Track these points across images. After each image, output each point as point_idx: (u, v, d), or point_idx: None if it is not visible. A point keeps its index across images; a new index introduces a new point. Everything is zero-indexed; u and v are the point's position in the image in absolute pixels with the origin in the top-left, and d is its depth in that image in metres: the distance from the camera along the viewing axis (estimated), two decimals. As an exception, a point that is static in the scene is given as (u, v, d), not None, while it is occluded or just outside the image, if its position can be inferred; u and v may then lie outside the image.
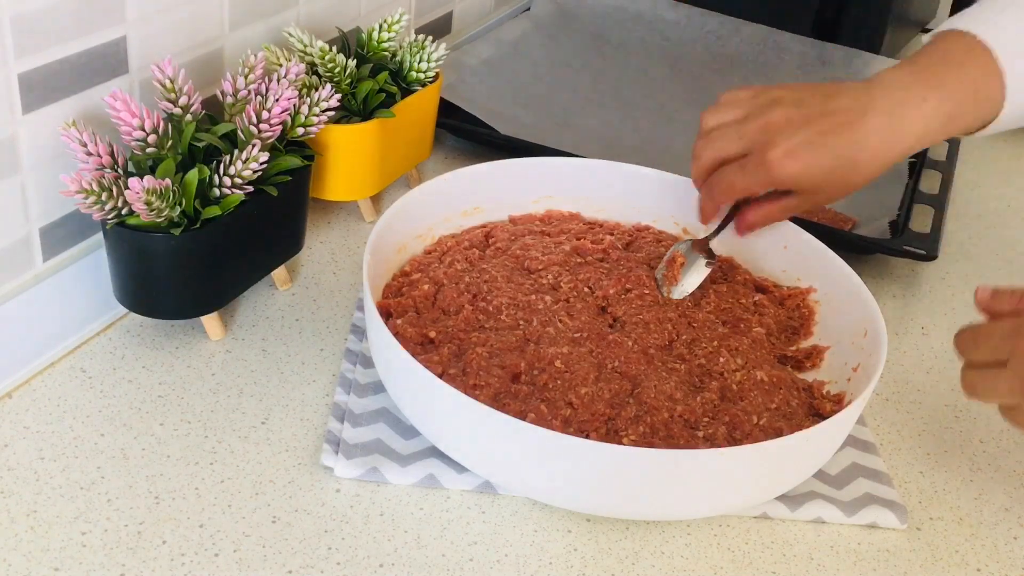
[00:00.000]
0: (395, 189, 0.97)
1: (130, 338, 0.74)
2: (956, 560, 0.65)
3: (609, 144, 1.07)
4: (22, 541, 0.58)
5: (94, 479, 0.63)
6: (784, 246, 0.81)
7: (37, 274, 0.70)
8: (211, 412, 0.69)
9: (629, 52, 1.30)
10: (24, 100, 0.64)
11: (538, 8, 1.33)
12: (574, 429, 0.64)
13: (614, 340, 0.71)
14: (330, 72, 0.84)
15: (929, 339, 0.87)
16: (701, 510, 0.64)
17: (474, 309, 0.73)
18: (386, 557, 0.60)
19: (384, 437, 0.68)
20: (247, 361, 0.74)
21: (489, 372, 0.67)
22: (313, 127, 0.78)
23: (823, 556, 0.64)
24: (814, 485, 0.68)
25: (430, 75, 0.92)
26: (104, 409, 0.68)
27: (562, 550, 0.63)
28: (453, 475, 0.65)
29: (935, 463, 0.73)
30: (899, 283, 0.94)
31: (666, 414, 0.66)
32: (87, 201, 0.65)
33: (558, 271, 0.77)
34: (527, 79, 1.18)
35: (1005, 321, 0.59)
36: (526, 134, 1.03)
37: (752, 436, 0.66)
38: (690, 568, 0.62)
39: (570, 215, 0.87)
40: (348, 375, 0.72)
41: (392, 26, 0.89)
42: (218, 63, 0.81)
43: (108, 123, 0.68)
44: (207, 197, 0.71)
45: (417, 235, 0.80)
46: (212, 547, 0.59)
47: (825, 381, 0.73)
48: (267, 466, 0.65)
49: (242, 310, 0.79)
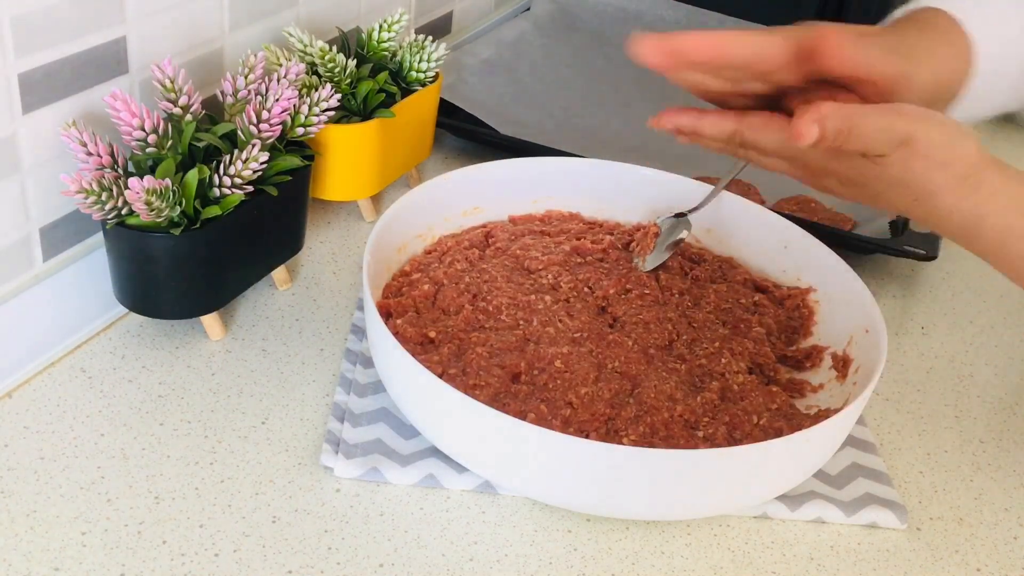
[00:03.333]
0: (395, 189, 0.97)
1: (130, 338, 0.74)
2: (956, 560, 0.65)
3: (609, 144, 1.07)
4: (22, 541, 0.58)
5: (94, 479, 0.63)
6: (784, 246, 0.81)
7: (37, 274, 0.70)
8: (211, 412, 0.69)
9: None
10: (24, 100, 0.64)
11: (538, 8, 1.32)
12: (574, 429, 0.64)
13: (614, 340, 0.71)
14: (330, 72, 0.84)
15: (929, 339, 0.87)
16: (701, 510, 0.64)
17: (474, 309, 0.73)
18: (386, 557, 0.60)
19: (384, 437, 0.68)
20: (247, 361, 0.74)
21: (489, 372, 0.67)
22: (313, 127, 0.78)
23: (823, 556, 0.64)
24: (814, 485, 0.68)
25: (430, 75, 0.92)
26: (104, 409, 0.68)
27: (562, 550, 0.63)
28: (453, 475, 0.65)
29: (935, 463, 0.73)
30: (899, 283, 0.94)
31: (666, 414, 0.66)
32: (87, 201, 0.65)
33: (558, 271, 0.77)
34: (527, 79, 1.18)
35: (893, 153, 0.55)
36: (526, 134, 1.03)
37: (752, 436, 0.66)
38: (690, 568, 0.62)
39: (570, 215, 0.87)
40: (348, 375, 0.72)
41: (392, 26, 0.89)
42: (218, 63, 0.81)
43: (108, 123, 0.68)
44: (207, 197, 0.71)
45: (417, 235, 0.80)
46: (212, 547, 0.59)
47: (814, 385, 0.73)
48: (267, 466, 0.65)
49: (242, 310, 0.79)
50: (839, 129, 0.54)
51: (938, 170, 0.56)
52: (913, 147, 0.55)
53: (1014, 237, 0.57)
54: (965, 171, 0.56)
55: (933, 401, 0.79)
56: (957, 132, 0.56)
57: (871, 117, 0.55)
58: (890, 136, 0.55)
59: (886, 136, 0.55)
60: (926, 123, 0.55)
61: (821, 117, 0.53)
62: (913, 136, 0.54)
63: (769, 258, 0.82)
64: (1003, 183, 0.56)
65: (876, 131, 0.55)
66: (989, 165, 0.57)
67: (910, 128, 0.55)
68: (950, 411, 0.79)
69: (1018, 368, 0.85)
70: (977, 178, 0.56)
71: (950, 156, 0.55)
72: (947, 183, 0.56)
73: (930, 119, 0.55)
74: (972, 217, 0.57)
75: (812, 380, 0.74)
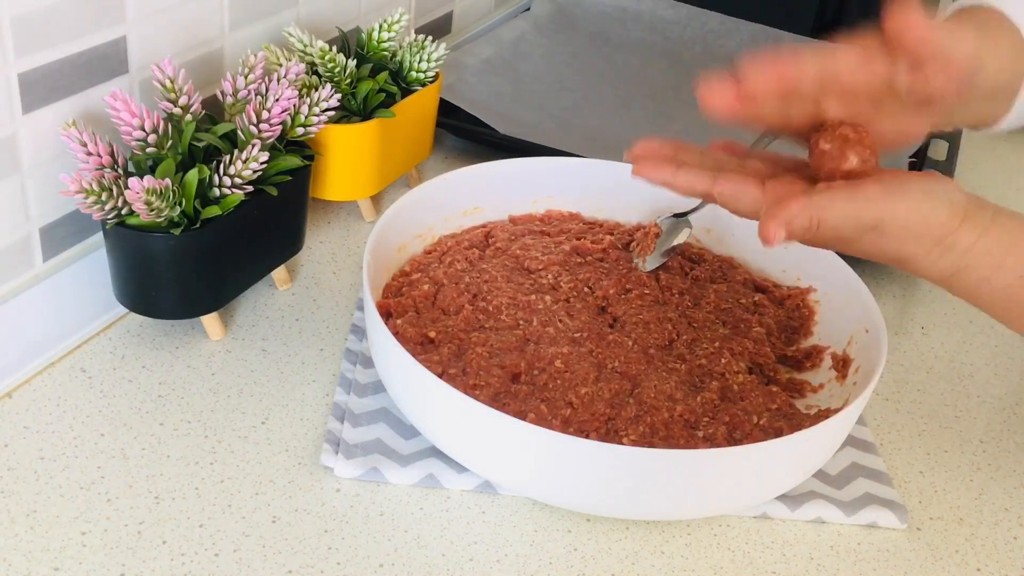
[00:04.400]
0: (395, 189, 0.97)
1: (130, 338, 0.74)
2: (956, 560, 0.65)
3: (609, 144, 1.07)
4: (22, 541, 0.58)
5: (94, 479, 0.63)
6: (784, 246, 0.81)
7: (37, 274, 0.70)
8: (211, 412, 0.69)
9: (629, 52, 1.30)
10: (24, 100, 0.64)
11: (538, 8, 1.32)
12: (574, 429, 0.64)
13: (614, 340, 0.71)
14: (330, 72, 0.84)
15: (929, 339, 0.87)
16: (701, 510, 0.64)
17: (474, 309, 0.73)
18: (386, 557, 0.60)
19: (384, 437, 0.68)
20: (247, 361, 0.74)
21: (489, 372, 0.67)
22: (313, 127, 0.78)
23: (823, 556, 0.64)
24: (814, 485, 0.68)
25: (430, 75, 0.92)
26: (104, 409, 0.68)
27: (562, 550, 0.63)
28: (453, 475, 0.65)
29: (935, 463, 0.73)
30: (899, 283, 0.94)
31: (666, 414, 0.66)
32: (87, 201, 0.65)
33: (558, 271, 0.77)
34: (527, 79, 1.18)
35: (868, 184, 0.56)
36: (526, 134, 1.03)
37: (752, 436, 0.66)
38: (690, 568, 0.62)
39: (570, 215, 0.87)
40: (348, 375, 0.72)
41: (392, 26, 0.89)
42: (218, 63, 0.81)
43: (108, 123, 0.68)
44: (207, 197, 0.71)
45: (417, 235, 0.80)
46: (212, 547, 0.59)
47: (813, 385, 0.73)
48: (267, 466, 0.65)
49: (242, 310, 0.79)
50: (806, 227, 0.54)
51: (910, 243, 0.56)
52: (882, 229, 0.55)
53: (988, 287, 0.58)
54: (938, 236, 0.56)
55: (933, 401, 0.79)
56: (925, 202, 0.56)
57: (837, 207, 0.54)
58: (857, 223, 0.55)
59: (854, 223, 0.55)
60: (892, 203, 0.55)
61: (789, 218, 0.54)
62: (881, 220, 0.55)
63: (769, 258, 0.82)
64: (976, 238, 0.57)
65: (843, 220, 0.55)
66: (963, 222, 0.57)
67: (876, 213, 0.55)
68: (950, 411, 0.79)
69: (1018, 368, 0.85)
70: (951, 239, 0.56)
71: (921, 229, 0.56)
72: (920, 251, 0.57)
73: (896, 196, 0.55)
74: (948, 272, 0.57)
75: (812, 380, 0.74)
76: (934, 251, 0.56)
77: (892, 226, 0.55)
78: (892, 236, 0.56)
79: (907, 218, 0.55)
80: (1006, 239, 0.57)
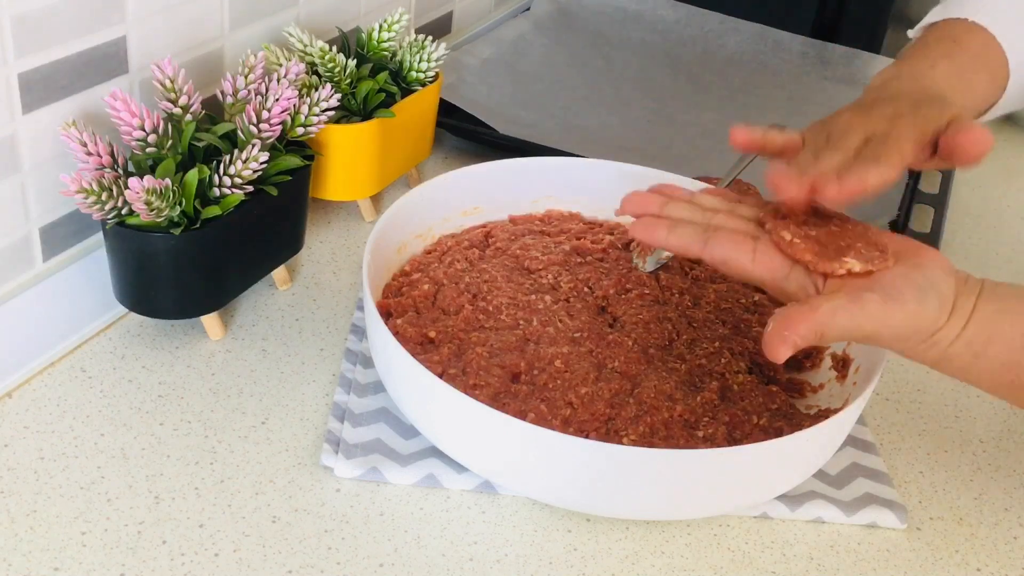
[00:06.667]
0: (395, 189, 0.97)
1: (130, 338, 0.74)
2: (956, 560, 0.65)
3: (609, 144, 1.07)
4: (22, 541, 0.58)
5: (94, 479, 0.63)
6: None
7: (37, 274, 0.70)
8: (211, 412, 0.69)
9: (629, 52, 1.30)
10: (24, 100, 0.64)
11: (538, 8, 1.32)
12: (574, 429, 0.64)
13: (614, 340, 0.71)
14: (330, 72, 0.84)
15: (929, 339, 0.87)
16: (701, 510, 0.64)
17: (474, 309, 0.73)
18: (386, 557, 0.60)
19: (384, 437, 0.68)
20: (247, 361, 0.74)
21: (489, 372, 0.67)
22: (313, 127, 0.78)
23: (823, 556, 0.64)
24: (814, 485, 0.68)
25: (430, 75, 0.92)
26: (104, 409, 0.68)
27: (562, 550, 0.63)
28: (453, 475, 0.65)
29: (935, 463, 0.73)
30: (899, 283, 0.94)
31: (666, 414, 0.66)
32: (87, 201, 0.65)
33: (558, 271, 0.77)
34: (527, 79, 1.18)
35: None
36: (526, 134, 1.03)
37: (752, 436, 0.66)
38: (690, 568, 0.62)
39: (570, 215, 0.87)
40: (348, 375, 0.72)
41: (392, 26, 0.89)
42: (218, 63, 0.81)
43: (108, 123, 0.68)
44: (207, 197, 0.71)
45: (417, 235, 0.80)
46: (212, 547, 0.59)
47: (814, 384, 0.73)
48: (267, 466, 0.65)
49: (242, 310, 0.79)
50: (811, 339, 0.57)
51: (901, 343, 0.59)
52: (877, 338, 0.58)
53: (976, 371, 0.60)
54: (926, 334, 0.59)
55: (933, 401, 0.79)
56: (919, 305, 0.58)
57: (839, 323, 0.57)
58: (855, 335, 0.58)
59: (852, 335, 0.58)
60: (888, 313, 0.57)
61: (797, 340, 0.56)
62: (877, 332, 0.58)
63: (769, 258, 0.82)
64: (959, 331, 0.59)
65: (842, 332, 0.58)
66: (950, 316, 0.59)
67: (873, 326, 0.57)
68: (950, 411, 0.79)
69: (1018, 368, 0.85)
70: (937, 335, 0.59)
71: (911, 332, 0.58)
72: (908, 348, 0.60)
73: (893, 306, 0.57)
74: (933, 361, 0.60)
75: (812, 380, 0.74)
76: (921, 346, 0.59)
77: (886, 336, 0.58)
78: (886, 341, 0.59)
79: (902, 327, 0.58)
80: (987, 330, 0.59)
